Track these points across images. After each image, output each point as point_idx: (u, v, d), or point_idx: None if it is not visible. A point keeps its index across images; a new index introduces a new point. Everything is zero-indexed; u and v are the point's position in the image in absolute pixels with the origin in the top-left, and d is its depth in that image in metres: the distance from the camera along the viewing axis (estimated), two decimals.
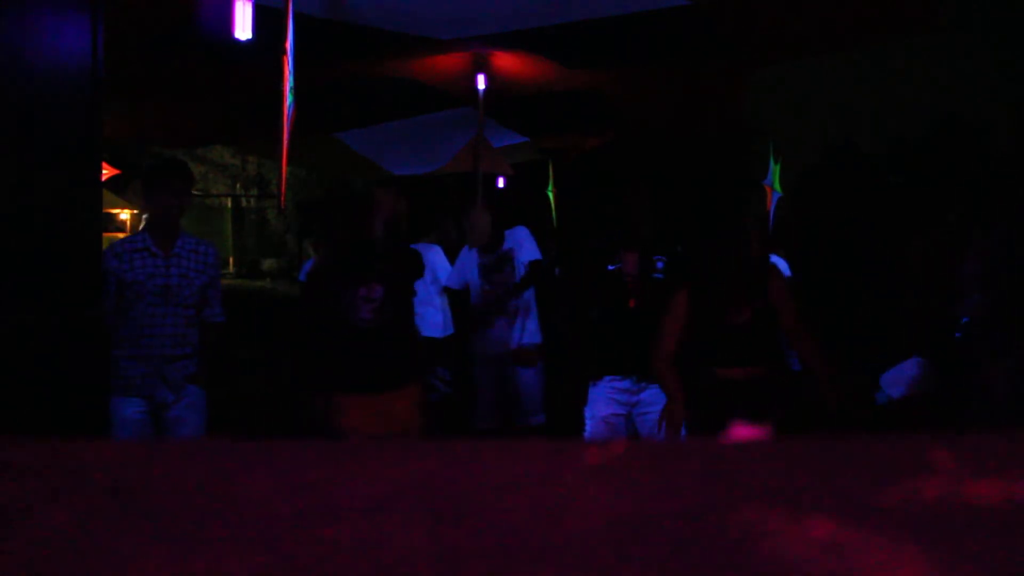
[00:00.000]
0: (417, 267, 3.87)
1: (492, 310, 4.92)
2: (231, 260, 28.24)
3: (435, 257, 6.22)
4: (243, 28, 5.18)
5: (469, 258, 5.11)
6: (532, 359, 4.83)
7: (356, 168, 11.05)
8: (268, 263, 27.60)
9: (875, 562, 0.42)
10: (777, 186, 10.74)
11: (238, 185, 29.11)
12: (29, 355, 3.19)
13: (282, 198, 6.09)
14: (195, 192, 28.27)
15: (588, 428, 3.91)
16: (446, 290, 6.19)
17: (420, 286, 6.24)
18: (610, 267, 3.83)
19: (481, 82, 8.21)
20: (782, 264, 6.59)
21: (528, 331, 4.98)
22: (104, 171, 8.37)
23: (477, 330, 5.20)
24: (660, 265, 3.84)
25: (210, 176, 28.74)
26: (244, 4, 5.15)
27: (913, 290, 3.92)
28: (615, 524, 0.46)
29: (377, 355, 3.52)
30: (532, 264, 4.99)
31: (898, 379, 4.47)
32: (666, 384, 3.63)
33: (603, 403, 3.87)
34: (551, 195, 12.25)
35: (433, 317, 6.16)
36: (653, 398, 3.83)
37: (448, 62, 7.93)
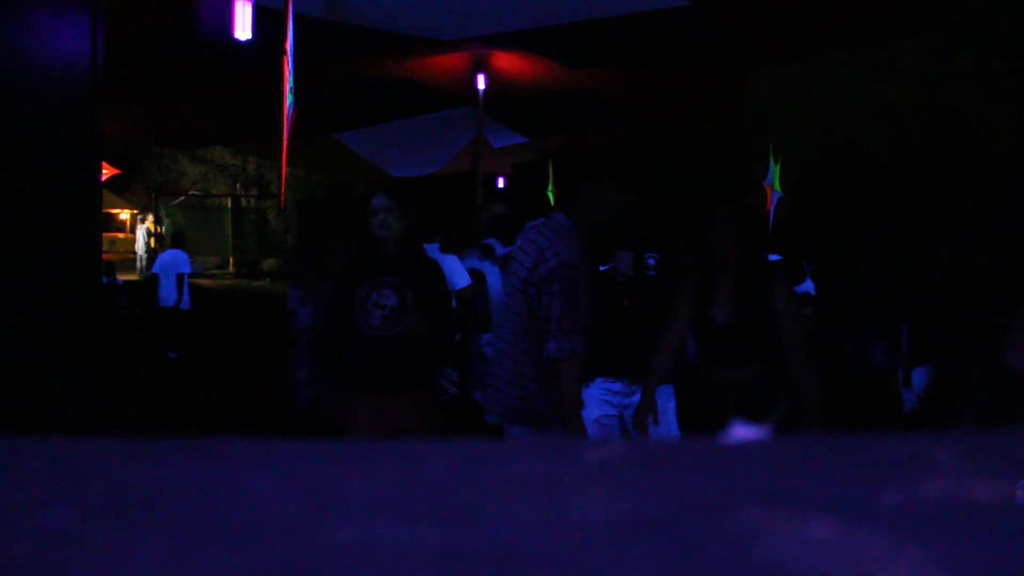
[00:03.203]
0: (437, 275, 3.71)
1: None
2: (231, 260, 28.25)
3: (450, 264, 6.28)
4: (243, 28, 5.19)
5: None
6: None
7: (356, 168, 11.06)
8: (268, 263, 27.60)
9: (875, 562, 0.42)
10: (777, 186, 10.74)
11: (238, 185, 29.12)
12: (29, 355, 3.19)
13: (282, 198, 6.11)
14: (195, 192, 28.36)
15: None
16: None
17: None
18: (601, 267, 3.81)
19: (481, 82, 8.22)
20: (808, 284, 6.65)
21: None
22: (104, 171, 8.37)
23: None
24: (651, 263, 3.82)
25: (210, 176, 28.75)
26: (244, 4, 5.16)
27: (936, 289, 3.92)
28: (615, 524, 0.46)
29: (380, 361, 3.50)
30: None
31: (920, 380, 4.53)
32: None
33: (595, 404, 3.85)
34: (551, 195, 12.24)
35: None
36: None
37: (448, 62, 7.94)
